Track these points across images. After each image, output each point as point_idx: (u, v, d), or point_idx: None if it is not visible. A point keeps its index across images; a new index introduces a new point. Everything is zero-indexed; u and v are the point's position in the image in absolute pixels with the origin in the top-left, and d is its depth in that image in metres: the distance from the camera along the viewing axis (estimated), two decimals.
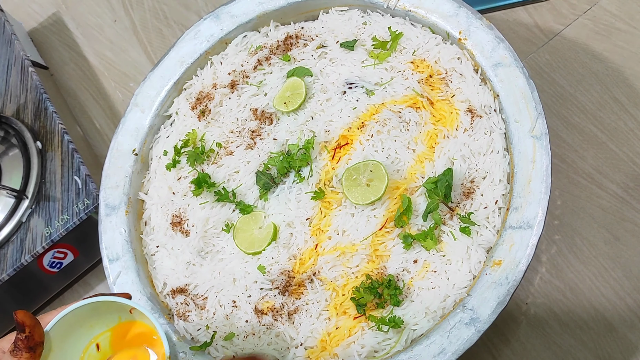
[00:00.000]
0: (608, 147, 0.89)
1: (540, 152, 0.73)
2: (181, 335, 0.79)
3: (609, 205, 0.86)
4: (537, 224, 0.70)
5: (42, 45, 1.29)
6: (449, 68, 0.83)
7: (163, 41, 1.21)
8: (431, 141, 0.80)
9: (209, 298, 0.81)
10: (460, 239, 0.74)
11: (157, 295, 0.84)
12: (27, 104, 1.09)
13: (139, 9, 1.25)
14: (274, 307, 0.77)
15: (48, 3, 1.33)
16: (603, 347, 0.80)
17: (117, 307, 0.57)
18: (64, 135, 1.02)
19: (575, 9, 0.99)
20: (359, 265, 0.76)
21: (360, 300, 0.74)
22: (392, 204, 0.77)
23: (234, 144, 0.88)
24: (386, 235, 0.76)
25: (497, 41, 0.80)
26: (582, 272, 0.84)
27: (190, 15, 1.21)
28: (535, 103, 0.75)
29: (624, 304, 0.82)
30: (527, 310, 0.84)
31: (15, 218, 0.97)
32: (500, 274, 0.69)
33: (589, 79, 0.94)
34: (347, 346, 0.73)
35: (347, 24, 0.91)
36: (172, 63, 0.95)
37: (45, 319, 0.55)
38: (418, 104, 0.81)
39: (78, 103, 1.21)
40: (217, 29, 0.95)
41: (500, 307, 0.67)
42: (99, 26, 1.27)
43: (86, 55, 1.25)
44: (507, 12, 1.02)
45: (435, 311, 0.72)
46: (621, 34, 0.95)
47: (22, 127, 1.05)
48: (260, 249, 0.81)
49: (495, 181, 0.76)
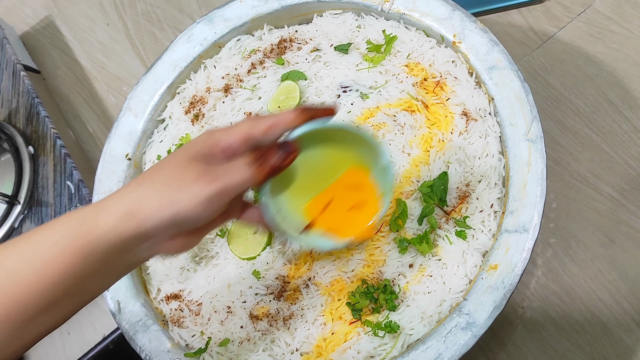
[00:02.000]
0: (603, 150, 0.89)
1: (535, 155, 0.73)
2: (175, 342, 0.78)
3: (604, 208, 0.86)
4: (533, 228, 0.70)
5: (34, 49, 1.28)
6: (443, 71, 0.83)
7: (156, 45, 1.20)
8: (426, 145, 0.79)
9: (204, 304, 0.80)
10: (456, 243, 0.74)
11: (151, 301, 0.83)
12: (19, 108, 1.08)
13: (131, 12, 1.25)
14: (269, 313, 0.77)
15: (40, 7, 1.32)
16: (599, 350, 0.80)
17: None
18: (57, 139, 1.01)
19: (569, 12, 0.99)
20: (354, 270, 0.76)
21: (356, 305, 0.73)
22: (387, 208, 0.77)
23: None
24: (381, 240, 0.76)
25: (492, 44, 0.80)
26: (578, 275, 0.84)
27: (184, 19, 1.21)
28: (530, 106, 0.75)
29: (620, 307, 0.82)
30: (523, 314, 0.84)
31: (7, 224, 0.97)
32: (496, 278, 0.69)
33: (583, 82, 0.94)
34: (343, 351, 0.72)
35: (341, 27, 0.91)
36: (165, 67, 0.95)
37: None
38: (413, 108, 0.81)
39: (70, 107, 1.21)
40: (210, 33, 0.95)
41: (496, 312, 0.67)
42: (91, 30, 1.26)
43: (78, 59, 1.25)
44: (501, 15, 1.02)
45: (432, 316, 0.72)
46: (615, 36, 0.96)
47: (14, 131, 1.05)
48: (255, 254, 0.80)
49: (491, 185, 0.76)
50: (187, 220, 0.51)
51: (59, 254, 0.49)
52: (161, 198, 0.50)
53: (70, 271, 0.49)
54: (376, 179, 0.66)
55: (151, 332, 0.78)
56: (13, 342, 0.49)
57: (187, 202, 0.50)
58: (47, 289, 0.49)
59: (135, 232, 0.50)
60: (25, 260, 0.49)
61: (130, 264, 0.54)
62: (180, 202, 0.50)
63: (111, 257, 0.51)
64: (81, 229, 0.50)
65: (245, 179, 0.53)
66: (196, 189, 0.50)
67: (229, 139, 0.54)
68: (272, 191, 0.61)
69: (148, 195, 0.50)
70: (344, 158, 0.66)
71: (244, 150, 0.55)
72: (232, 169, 0.53)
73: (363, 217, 0.68)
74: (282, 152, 0.55)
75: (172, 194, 0.50)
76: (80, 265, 0.49)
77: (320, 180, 0.67)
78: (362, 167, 0.66)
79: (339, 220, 0.68)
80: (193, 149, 0.53)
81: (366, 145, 0.63)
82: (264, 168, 0.54)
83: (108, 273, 0.53)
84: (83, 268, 0.50)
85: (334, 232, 0.68)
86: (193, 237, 0.56)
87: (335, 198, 0.67)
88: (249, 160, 0.54)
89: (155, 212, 0.50)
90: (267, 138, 0.56)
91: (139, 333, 0.78)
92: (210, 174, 0.51)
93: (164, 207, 0.50)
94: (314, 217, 0.67)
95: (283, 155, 0.55)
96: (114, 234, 0.50)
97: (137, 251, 0.52)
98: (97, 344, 0.94)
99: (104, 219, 0.50)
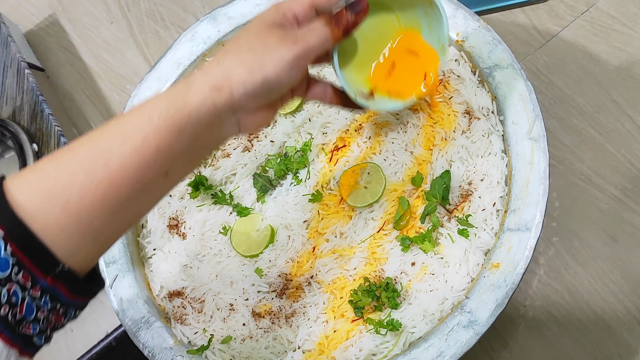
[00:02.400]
0: (606, 149, 0.89)
1: (538, 154, 0.73)
2: (178, 339, 0.78)
3: (607, 207, 0.86)
4: (535, 226, 0.70)
5: (38, 47, 1.29)
6: (446, 70, 0.83)
7: (160, 43, 1.21)
8: (429, 143, 0.79)
9: (206, 301, 0.80)
10: (458, 241, 0.74)
11: (154, 298, 0.83)
12: (23, 106, 1.08)
13: (135, 11, 1.25)
14: (272, 310, 0.77)
15: (44, 5, 1.32)
16: (601, 349, 0.80)
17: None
18: (61, 137, 1.01)
19: (572, 11, 0.99)
20: (356, 268, 0.76)
21: (358, 303, 0.73)
22: (389, 207, 0.77)
23: (230, 146, 0.88)
24: (384, 238, 0.76)
25: (495, 43, 0.80)
26: (580, 274, 0.84)
27: (187, 17, 1.21)
28: (533, 105, 0.75)
29: (622, 306, 0.81)
30: (525, 313, 0.84)
31: None
32: (498, 276, 0.69)
33: (587, 81, 0.94)
34: (345, 349, 0.73)
35: None
36: (168, 65, 0.95)
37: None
38: (416, 106, 0.81)
39: (74, 105, 1.21)
40: (214, 31, 0.95)
41: (498, 310, 0.67)
42: (95, 28, 1.27)
43: (82, 57, 1.25)
44: (505, 13, 1.02)
45: (434, 314, 0.72)
46: (619, 35, 0.95)
47: (18, 129, 1.05)
48: (257, 252, 0.80)
49: (493, 183, 0.76)
50: (276, 84, 0.53)
51: (152, 132, 0.49)
52: (252, 64, 0.52)
53: (163, 149, 0.49)
54: (428, 37, 0.70)
55: (154, 329, 0.78)
56: (107, 227, 0.49)
57: (275, 65, 0.52)
58: (141, 170, 0.48)
59: (227, 102, 0.52)
60: (119, 141, 0.48)
61: (215, 141, 0.56)
62: (269, 65, 0.52)
63: (201, 131, 0.52)
64: (174, 105, 0.50)
65: (324, 38, 0.56)
66: (282, 51, 0.53)
67: (299, 7, 0.57)
68: (340, 64, 0.64)
69: (237, 65, 0.52)
70: (392, 21, 0.69)
71: (313, 16, 0.57)
72: (311, 30, 0.55)
73: (423, 76, 0.71)
74: (353, 10, 0.59)
75: (260, 58, 0.52)
76: (173, 141, 0.50)
77: (377, 48, 0.70)
78: (411, 28, 0.70)
79: (403, 83, 0.71)
80: (268, 19, 0.55)
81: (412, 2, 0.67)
82: (340, 25, 0.57)
83: (196, 151, 0.53)
84: (175, 144, 0.50)
85: (397, 96, 0.71)
86: (271, 111, 0.59)
87: (396, 63, 0.71)
88: (325, 20, 0.57)
89: (245, 79, 0.52)
90: (331, 2, 0.58)
91: (142, 330, 0.79)
92: (291, 37, 0.54)
93: (254, 72, 0.52)
94: (376, 84, 0.70)
95: (354, 13, 0.58)
96: (207, 107, 0.51)
97: (225, 125, 0.54)
98: (100, 341, 0.94)
99: (195, 93, 0.51)
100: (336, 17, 0.58)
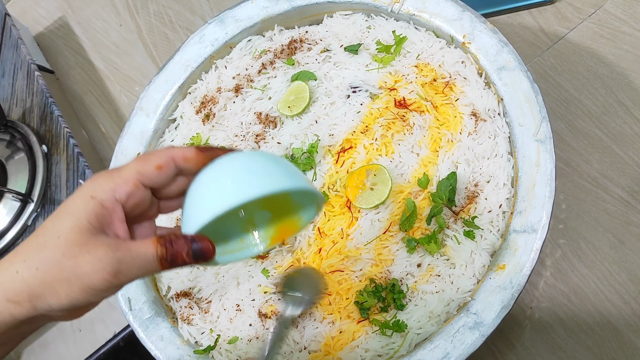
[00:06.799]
0: (613, 151, 0.89)
1: (544, 155, 0.73)
2: (185, 339, 0.79)
3: (614, 209, 0.86)
4: (542, 228, 0.70)
5: (48, 49, 1.30)
6: (452, 72, 0.83)
7: (168, 45, 1.22)
8: (435, 145, 0.80)
9: (213, 301, 0.81)
10: (464, 242, 0.74)
11: (161, 298, 0.84)
12: (33, 107, 1.09)
13: (144, 14, 1.26)
14: (278, 311, 0.77)
15: (54, 7, 1.34)
16: (608, 352, 0.80)
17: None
18: (70, 139, 1.02)
19: (580, 13, 0.99)
20: (362, 269, 0.76)
21: (364, 304, 0.74)
22: (396, 208, 0.77)
23: (238, 148, 0.89)
24: (390, 239, 0.76)
25: (501, 45, 0.80)
26: (587, 276, 0.84)
27: (195, 20, 1.22)
28: (539, 107, 0.75)
29: (629, 308, 0.81)
30: (532, 315, 0.83)
31: (20, 221, 0.98)
32: (504, 278, 0.69)
33: (594, 83, 0.94)
34: (350, 350, 0.73)
35: (351, 28, 0.91)
36: (177, 67, 0.96)
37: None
38: (422, 108, 0.81)
39: (83, 107, 1.22)
40: (221, 33, 0.95)
41: (504, 312, 0.67)
42: (104, 30, 1.28)
43: (92, 59, 1.26)
44: (512, 15, 1.02)
45: (439, 315, 0.72)
46: (626, 37, 0.95)
47: (27, 131, 1.06)
48: (263, 253, 0.81)
49: (500, 185, 0.76)
50: (87, 304, 0.47)
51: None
52: (58, 286, 0.44)
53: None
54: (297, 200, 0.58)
55: (161, 329, 0.79)
56: None
57: (84, 292, 0.45)
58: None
59: (29, 314, 0.45)
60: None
61: (31, 331, 0.50)
62: (76, 292, 0.45)
63: (5, 331, 0.46)
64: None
65: (150, 270, 0.48)
66: (95, 282, 0.45)
67: (121, 191, 0.47)
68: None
69: (37, 283, 0.44)
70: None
71: (142, 196, 0.49)
72: (138, 257, 0.46)
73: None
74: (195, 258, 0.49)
75: (66, 283, 0.44)
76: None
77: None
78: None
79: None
80: (84, 218, 0.46)
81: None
82: (174, 262, 0.48)
83: (5, 343, 0.49)
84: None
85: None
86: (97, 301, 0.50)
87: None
88: (156, 246, 0.47)
89: (49, 300, 0.45)
90: (163, 176, 0.50)
91: (149, 330, 0.79)
92: (111, 260, 0.45)
93: (61, 296, 0.45)
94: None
95: (194, 259, 0.49)
96: (4, 317, 0.45)
97: (36, 323, 0.48)
98: (107, 341, 0.95)
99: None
100: (174, 251, 0.48)
